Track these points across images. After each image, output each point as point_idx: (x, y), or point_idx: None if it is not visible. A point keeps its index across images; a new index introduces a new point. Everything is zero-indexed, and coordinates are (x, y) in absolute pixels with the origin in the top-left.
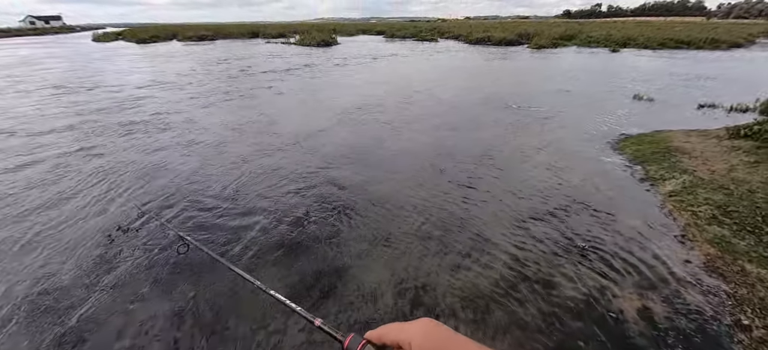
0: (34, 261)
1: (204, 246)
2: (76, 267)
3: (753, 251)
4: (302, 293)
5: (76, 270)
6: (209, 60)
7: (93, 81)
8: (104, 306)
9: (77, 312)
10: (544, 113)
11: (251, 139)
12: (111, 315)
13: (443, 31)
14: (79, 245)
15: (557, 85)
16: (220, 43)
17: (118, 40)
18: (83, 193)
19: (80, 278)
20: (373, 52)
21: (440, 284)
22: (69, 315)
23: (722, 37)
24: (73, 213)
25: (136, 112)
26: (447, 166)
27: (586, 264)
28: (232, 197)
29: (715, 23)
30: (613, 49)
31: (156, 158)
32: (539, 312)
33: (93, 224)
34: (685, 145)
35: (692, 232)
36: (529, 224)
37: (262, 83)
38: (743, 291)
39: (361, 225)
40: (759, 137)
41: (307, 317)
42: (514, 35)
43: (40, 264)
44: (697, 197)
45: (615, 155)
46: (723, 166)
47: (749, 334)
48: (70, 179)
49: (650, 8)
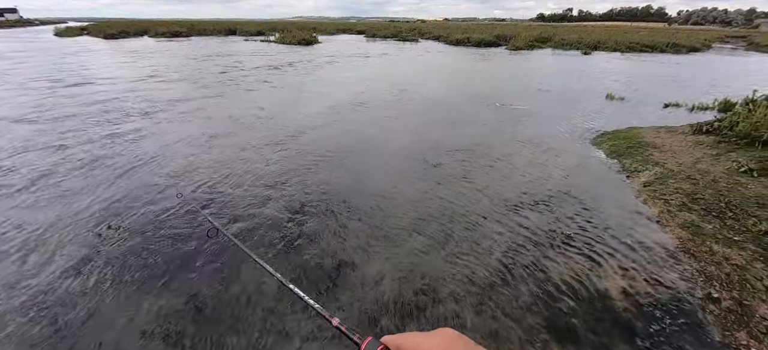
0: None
1: (230, 234)
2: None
3: (719, 233)
4: (309, 280)
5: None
6: (190, 56)
7: (80, 76)
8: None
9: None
10: (526, 110)
11: (249, 133)
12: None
13: (424, 32)
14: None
15: (536, 85)
16: (196, 41)
17: (83, 35)
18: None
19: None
20: (356, 51)
21: (440, 270)
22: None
23: (682, 42)
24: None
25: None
26: (440, 160)
27: (573, 249)
28: (240, 184)
29: (676, 29)
30: (585, 51)
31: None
32: (533, 292)
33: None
34: (655, 140)
35: (665, 218)
36: (519, 213)
37: (251, 81)
38: (712, 269)
39: (361, 216)
40: (719, 133)
41: (325, 315)
42: (492, 37)
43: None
44: (668, 186)
45: (594, 149)
46: (689, 159)
47: (719, 305)
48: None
49: (617, 14)
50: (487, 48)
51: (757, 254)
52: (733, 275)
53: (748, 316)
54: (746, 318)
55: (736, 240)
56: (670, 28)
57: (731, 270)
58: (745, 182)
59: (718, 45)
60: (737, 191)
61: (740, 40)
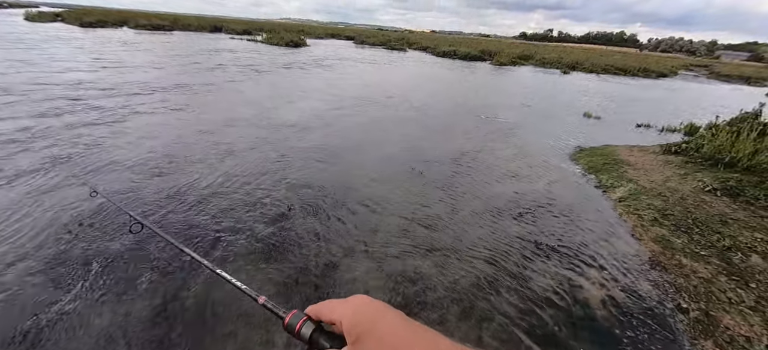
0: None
1: (156, 227)
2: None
3: (687, 248)
4: (290, 286)
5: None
6: (181, 53)
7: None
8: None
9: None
10: (510, 124)
11: (236, 132)
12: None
13: (411, 42)
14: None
15: (519, 100)
16: (180, 36)
17: (57, 21)
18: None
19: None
20: (346, 56)
21: (426, 277)
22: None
23: (652, 68)
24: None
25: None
26: (426, 169)
27: (554, 259)
28: (216, 192)
29: (647, 55)
30: (564, 71)
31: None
32: (516, 301)
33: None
34: (629, 158)
35: (639, 232)
36: (503, 224)
37: (237, 81)
38: (681, 281)
39: (347, 222)
40: (686, 153)
41: (251, 295)
42: (477, 51)
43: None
44: (641, 202)
45: (572, 164)
46: (660, 177)
47: (687, 315)
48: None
49: (594, 37)
50: (473, 61)
51: (721, 268)
52: (700, 287)
53: (714, 326)
54: (712, 328)
55: (703, 255)
56: (641, 54)
57: (698, 283)
58: (709, 200)
59: (684, 72)
60: (703, 209)
61: (703, 69)
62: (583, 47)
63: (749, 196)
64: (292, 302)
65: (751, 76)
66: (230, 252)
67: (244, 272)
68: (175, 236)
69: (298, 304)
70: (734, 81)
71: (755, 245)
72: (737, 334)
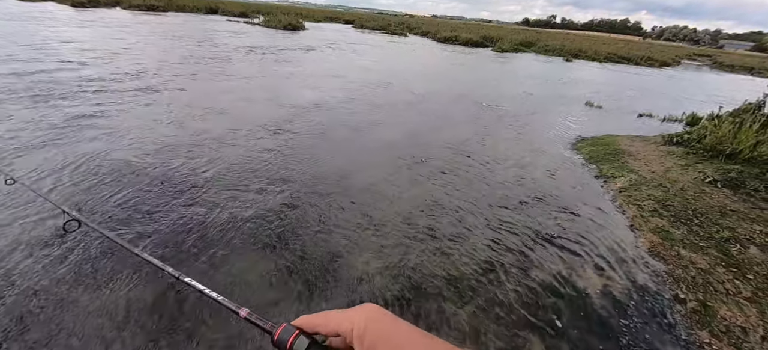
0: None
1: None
2: None
3: (686, 239)
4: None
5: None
6: (184, 35)
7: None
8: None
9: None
10: (512, 112)
11: (231, 120)
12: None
13: (412, 27)
14: None
15: (522, 89)
16: (175, 17)
17: (48, 1)
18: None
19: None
20: (346, 40)
21: (426, 266)
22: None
23: (656, 57)
24: None
25: None
26: (429, 156)
27: (554, 248)
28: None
29: (650, 43)
30: (567, 58)
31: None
32: (516, 290)
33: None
34: (630, 148)
35: (638, 222)
36: (504, 213)
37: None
38: (679, 272)
39: (349, 208)
40: (687, 144)
41: (232, 308)
42: (479, 37)
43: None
44: (641, 193)
45: (574, 154)
46: (660, 167)
47: (685, 306)
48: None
49: (597, 24)
50: (474, 48)
51: (719, 259)
52: (698, 278)
53: (711, 316)
54: (709, 319)
55: (701, 246)
56: (644, 42)
57: (696, 273)
58: (709, 192)
59: (687, 61)
60: (703, 200)
61: (706, 59)
62: (586, 34)
63: (750, 188)
64: (292, 302)
65: (754, 67)
66: (212, 246)
67: (231, 264)
68: (122, 235)
69: (298, 304)
70: (737, 71)
71: (754, 236)
72: (733, 325)
